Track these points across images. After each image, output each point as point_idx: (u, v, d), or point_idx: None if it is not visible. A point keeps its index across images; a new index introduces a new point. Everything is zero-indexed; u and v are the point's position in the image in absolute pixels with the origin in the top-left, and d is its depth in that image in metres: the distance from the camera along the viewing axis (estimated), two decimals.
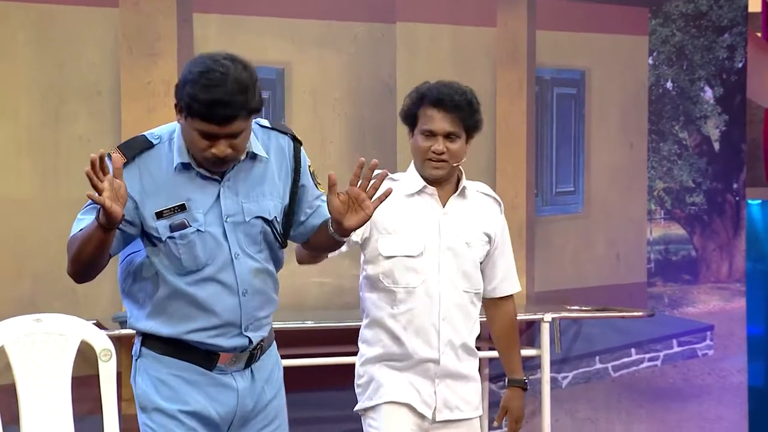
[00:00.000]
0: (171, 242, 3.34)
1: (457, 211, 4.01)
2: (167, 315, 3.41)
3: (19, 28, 5.53)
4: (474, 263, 4.00)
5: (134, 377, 3.57)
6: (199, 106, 3.19)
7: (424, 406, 3.93)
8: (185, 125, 3.27)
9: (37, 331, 5.12)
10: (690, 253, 8.00)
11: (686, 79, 7.88)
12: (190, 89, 3.21)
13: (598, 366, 7.47)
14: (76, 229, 3.38)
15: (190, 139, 3.28)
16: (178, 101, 3.27)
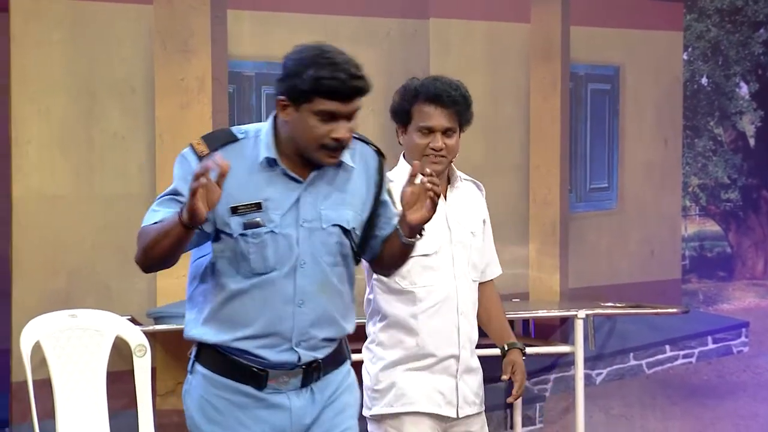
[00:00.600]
0: (242, 240, 3.18)
1: (457, 202, 4.00)
2: (219, 321, 3.21)
3: (54, 25, 5.57)
4: (479, 252, 4.01)
5: (185, 395, 3.28)
6: (329, 81, 3.10)
7: (449, 407, 3.92)
8: (299, 116, 3.13)
9: (73, 327, 5.15)
10: (725, 249, 7.97)
11: (721, 75, 7.85)
12: (313, 72, 3.11)
13: (632, 363, 7.45)
14: (150, 221, 3.22)
15: (305, 129, 3.14)
16: (289, 92, 3.13)
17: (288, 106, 3.14)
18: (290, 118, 3.14)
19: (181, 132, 5.82)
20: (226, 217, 3.17)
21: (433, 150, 3.88)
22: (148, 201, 5.77)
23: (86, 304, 5.44)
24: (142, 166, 5.78)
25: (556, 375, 7.09)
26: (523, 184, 6.99)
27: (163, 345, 5.85)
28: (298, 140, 3.16)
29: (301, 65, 3.14)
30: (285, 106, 3.14)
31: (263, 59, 6.12)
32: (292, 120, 3.14)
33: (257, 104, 6.08)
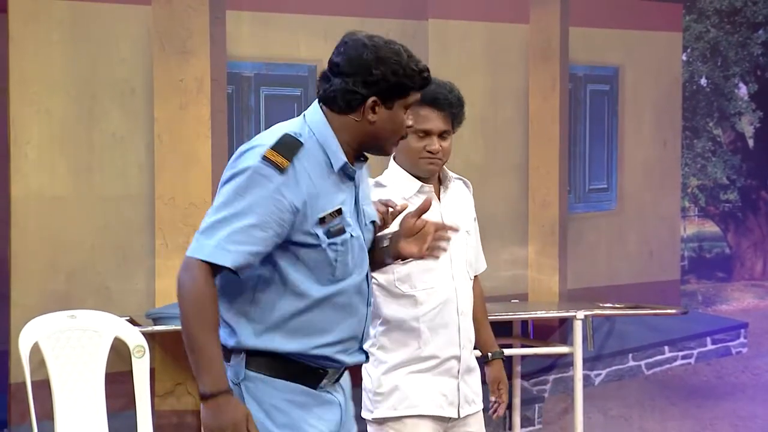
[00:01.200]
0: (331, 249, 3.09)
1: (450, 202, 4.01)
2: (291, 330, 3.10)
3: (54, 25, 5.57)
4: (474, 251, 4.02)
5: (246, 403, 3.10)
6: (426, 75, 3.16)
7: (451, 408, 3.93)
8: (391, 113, 3.13)
9: (72, 328, 5.16)
10: (724, 250, 7.98)
11: (720, 76, 7.85)
12: (413, 66, 3.14)
13: (631, 363, 7.46)
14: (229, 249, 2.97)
15: (396, 123, 3.15)
16: (386, 91, 3.09)
17: (378, 106, 3.10)
18: (379, 117, 3.12)
19: (180, 132, 5.82)
20: (312, 229, 3.07)
21: (430, 153, 3.88)
22: (147, 201, 5.81)
23: (85, 305, 5.45)
24: (141, 166, 5.78)
25: (555, 376, 7.10)
26: (523, 185, 6.99)
27: (162, 346, 5.85)
28: (381, 136, 3.16)
29: (400, 63, 3.11)
30: (375, 106, 3.10)
31: (262, 60, 6.12)
32: (381, 119, 3.12)
33: (256, 105, 6.09)
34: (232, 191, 2.98)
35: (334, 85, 3.10)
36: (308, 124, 3.13)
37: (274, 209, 2.98)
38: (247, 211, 2.97)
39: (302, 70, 6.20)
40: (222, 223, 2.97)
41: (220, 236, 2.96)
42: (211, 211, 3.01)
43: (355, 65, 3.08)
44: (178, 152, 5.84)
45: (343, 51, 3.11)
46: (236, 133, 6.02)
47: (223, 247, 2.96)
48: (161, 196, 5.81)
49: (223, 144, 5.94)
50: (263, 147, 3.02)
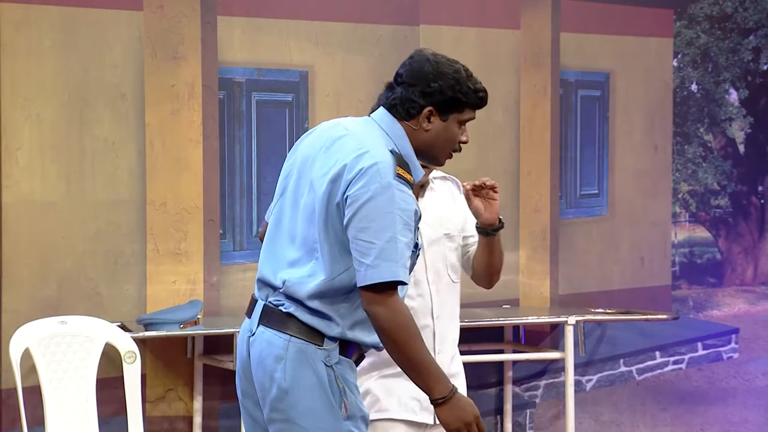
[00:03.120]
0: (417, 253, 3.40)
1: (431, 204, 3.98)
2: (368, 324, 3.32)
3: (45, 31, 5.57)
4: (456, 254, 3.99)
5: (333, 383, 3.35)
6: (483, 95, 3.40)
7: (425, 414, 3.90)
8: (445, 125, 3.39)
9: (62, 333, 5.16)
10: (715, 255, 7.99)
11: (711, 82, 7.87)
12: (470, 85, 3.38)
13: (622, 369, 7.46)
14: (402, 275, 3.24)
15: (451, 135, 3.42)
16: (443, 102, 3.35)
17: (433, 116, 3.35)
18: (432, 127, 3.37)
19: (172, 138, 5.83)
20: (417, 237, 3.34)
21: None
22: (138, 207, 5.82)
23: (76, 311, 5.44)
24: (132, 172, 5.78)
25: (546, 381, 7.10)
26: (514, 191, 7.00)
27: (153, 351, 5.84)
28: (434, 146, 3.41)
29: (458, 80, 3.36)
30: (430, 115, 3.34)
31: (254, 65, 6.12)
32: (436, 128, 3.38)
33: (247, 110, 6.09)
34: (384, 211, 3.21)
35: (397, 93, 3.38)
36: (391, 137, 3.36)
37: (414, 223, 3.26)
38: (404, 228, 3.22)
39: (294, 75, 6.21)
40: (392, 243, 3.20)
41: (396, 254, 3.21)
42: (369, 236, 3.21)
43: (416, 76, 3.36)
44: (170, 158, 5.84)
45: (408, 63, 3.40)
46: (227, 138, 6.02)
47: (403, 265, 3.22)
48: (152, 202, 5.81)
49: (214, 149, 5.94)
50: (386, 164, 3.24)
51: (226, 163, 6.01)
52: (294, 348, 3.32)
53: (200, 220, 5.88)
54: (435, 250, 3.93)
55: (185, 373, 5.92)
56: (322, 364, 3.30)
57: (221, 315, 5.97)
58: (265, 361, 3.37)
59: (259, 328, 3.41)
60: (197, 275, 5.89)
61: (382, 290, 3.20)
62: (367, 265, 3.19)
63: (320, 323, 3.31)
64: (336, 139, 3.36)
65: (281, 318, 3.36)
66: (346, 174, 3.24)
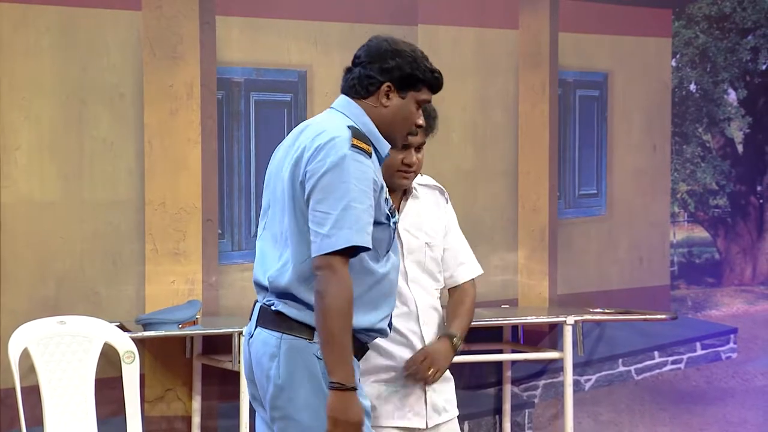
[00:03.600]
0: (393, 226, 3.46)
1: (412, 213, 3.95)
2: (365, 305, 3.39)
3: (43, 31, 5.57)
4: (435, 261, 3.97)
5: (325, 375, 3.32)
6: (438, 76, 3.49)
7: (417, 419, 3.90)
8: (403, 103, 3.47)
9: (61, 333, 5.15)
10: (713, 255, 8.00)
11: (710, 81, 7.88)
12: (426, 64, 3.47)
13: (621, 369, 7.47)
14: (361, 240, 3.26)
15: (408, 113, 3.49)
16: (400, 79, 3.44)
17: (392, 92, 3.44)
18: (391, 104, 3.46)
19: (170, 138, 5.83)
20: (383, 207, 3.39)
21: (407, 166, 3.87)
22: (137, 207, 5.82)
23: (75, 311, 5.44)
24: (131, 172, 5.78)
25: (545, 381, 7.11)
26: (512, 190, 7.00)
27: (152, 351, 5.84)
28: (393, 123, 3.48)
29: (415, 58, 3.46)
30: (389, 91, 3.43)
31: (252, 65, 6.12)
32: (393, 106, 3.46)
33: (246, 110, 6.09)
34: (338, 181, 3.25)
35: (355, 73, 3.49)
36: (350, 117, 3.43)
37: (372, 191, 3.29)
38: (362, 195, 3.25)
39: (292, 75, 6.21)
40: (346, 211, 3.24)
41: (350, 221, 3.23)
42: (329, 207, 3.25)
43: (373, 54, 3.47)
44: (168, 158, 5.84)
45: (366, 46, 3.52)
46: (226, 138, 6.02)
47: (359, 228, 3.24)
48: (151, 202, 5.81)
49: (213, 149, 5.94)
50: (342, 138, 3.30)
51: (224, 163, 6.01)
52: (286, 345, 3.36)
53: (199, 220, 5.88)
54: (415, 258, 3.92)
55: (184, 373, 5.92)
56: (314, 357, 3.32)
57: (220, 315, 5.97)
58: (261, 361, 3.42)
59: (256, 329, 3.47)
60: (196, 275, 5.90)
61: (335, 260, 3.23)
62: (323, 234, 3.23)
63: (306, 314, 3.34)
64: (298, 134, 3.46)
65: (273, 317, 3.41)
66: (305, 154, 3.34)
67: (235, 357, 5.43)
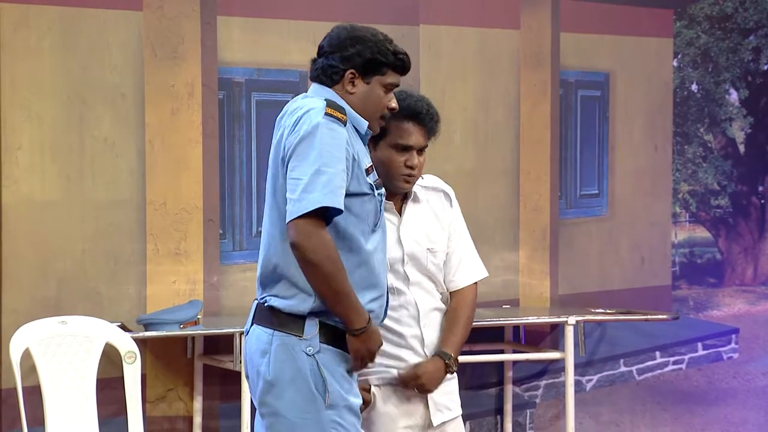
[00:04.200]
0: (378, 197, 3.48)
1: (414, 217, 3.92)
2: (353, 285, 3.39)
3: (45, 31, 5.57)
4: (438, 266, 3.94)
5: (315, 373, 3.39)
6: (403, 57, 3.52)
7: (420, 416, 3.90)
8: (368, 88, 3.50)
9: (62, 333, 5.16)
10: (715, 256, 8.00)
11: (711, 82, 7.88)
12: (390, 47, 3.50)
13: (622, 369, 7.47)
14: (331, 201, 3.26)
15: (375, 98, 3.51)
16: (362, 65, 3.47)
17: (356, 79, 3.46)
18: (357, 90, 3.48)
19: (171, 138, 5.83)
20: (363, 178, 3.40)
21: (410, 168, 3.85)
22: (138, 207, 5.82)
23: (76, 311, 5.45)
24: (132, 171, 5.78)
25: (546, 381, 7.11)
26: (514, 191, 7.00)
27: (153, 351, 5.85)
28: (363, 109, 3.48)
29: (376, 42, 3.48)
30: (353, 78, 3.46)
31: (253, 65, 6.13)
32: (360, 92, 3.48)
33: (247, 110, 6.09)
34: (310, 148, 3.29)
35: (319, 64, 3.53)
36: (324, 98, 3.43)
37: (345, 158, 3.31)
38: (334, 160, 3.27)
39: (293, 75, 6.21)
40: (317, 175, 3.26)
41: (320, 185, 3.25)
42: (300, 173, 3.27)
43: (335, 44, 3.52)
44: (170, 158, 5.84)
45: (328, 35, 3.57)
46: (227, 138, 6.03)
47: (330, 191, 3.25)
48: (152, 202, 5.81)
49: (214, 149, 5.94)
50: (317, 108, 3.35)
51: (225, 163, 6.02)
52: (277, 341, 3.39)
53: (200, 220, 5.88)
54: (417, 263, 3.91)
55: (185, 373, 5.92)
56: (303, 354, 3.36)
57: (221, 315, 5.98)
58: (252, 357, 3.46)
59: (252, 326, 3.51)
60: (197, 275, 5.90)
61: (308, 222, 3.25)
62: (294, 200, 3.26)
63: (296, 301, 3.37)
64: (279, 119, 3.53)
65: (265, 313, 3.44)
66: (284, 132, 3.40)
67: (236, 357, 5.44)
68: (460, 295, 4.03)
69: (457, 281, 4.03)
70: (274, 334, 3.40)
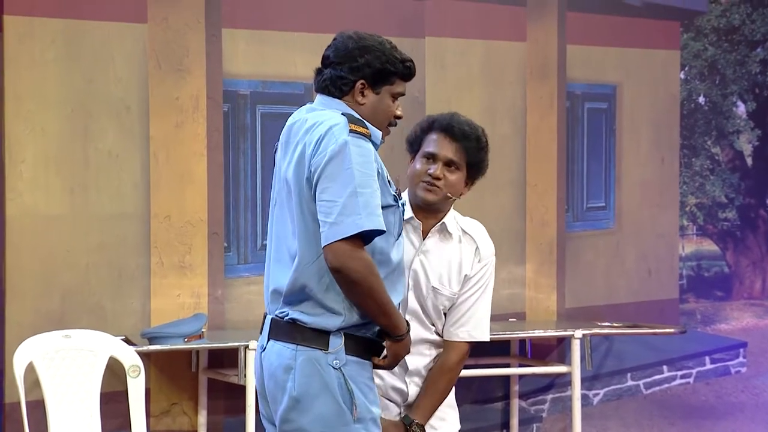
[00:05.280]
0: (401, 207, 3.47)
1: (436, 251, 3.83)
2: None
3: (49, 43, 5.58)
4: (436, 309, 3.85)
5: (343, 386, 3.35)
6: (410, 65, 3.51)
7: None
8: (378, 98, 3.47)
9: (66, 347, 5.16)
10: (723, 269, 7.98)
11: (719, 94, 7.87)
12: (396, 55, 3.49)
13: (629, 383, 7.46)
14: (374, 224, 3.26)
15: (385, 107, 3.49)
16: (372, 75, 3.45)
17: (366, 89, 3.44)
18: (367, 101, 3.46)
19: (176, 151, 5.83)
20: (387, 190, 3.39)
21: (430, 176, 3.80)
22: (142, 220, 5.82)
23: (80, 325, 5.45)
24: (136, 185, 5.78)
25: (553, 395, 7.09)
26: (520, 203, 7.00)
27: (157, 365, 5.84)
28: (371, 119, 3.45)
29: (384, 51, 3.46)
30: (363, 89, 3.44)
31: (258, 78, 6.13)
32: (370, 102, 3.46)
33: (252, 123, 6.10)
34: (341, 168, 3.25)
35: (326, 75, 3.49)
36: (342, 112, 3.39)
37: (375, 175, 3.29)
38: (368, 179, 3.25)
39: (298, 88, 6.21)
40: (354, 197, 3.23)
41: (361, 206, 3.22)
42: (333, 195, 3.24)
43: (342, 54, 3.47)
44: (174, 171, 5.84)
45: (333, 45, 3.52)
46: (232, 151, 6.03)
47: (369, 212, 3.23)
48: (157, 215, 5.81)
49: (219, 162, 5.94)
50: (340, 125, 3.30)
51: (230, 176, 6.02)
52: (302, 356, 3.35)
53: (204, 233, 5.88)
54: (417, 295, 3.85)
55: (189, 387, 5.91)
56: (330, 368, 3.33)
57: (226, 329, 5.97)
58: (276, 373, 3.40)
59: (269, 342, 3.45)
60: (201, 288, 5.90)
61: (348, 245, 3.22)
62: (330, 223, 3.23)
63: (322, 319, 3.35)
64: (288, 131, 3.51)
65: (286, 328, 3.39)
66: (306, 150, 3.34)
67: (241, 371, 5.43)
68: (450, 349, 3.90)
69: (452, 332, 3.91)
70: (298, 349, 3.35)
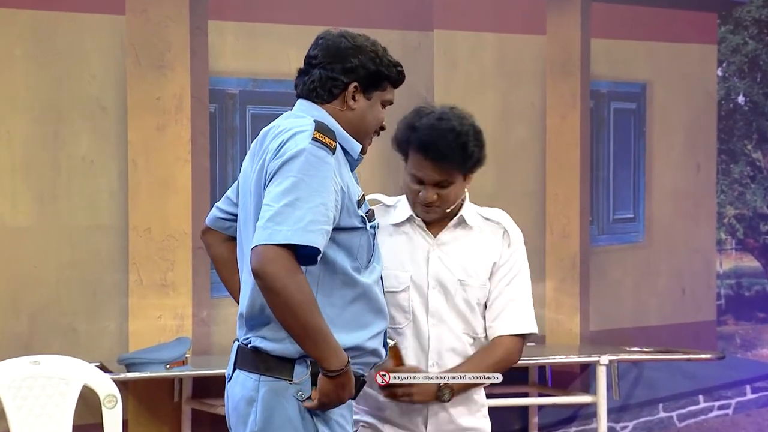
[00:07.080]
0: (371, 230, 3.45)
1: (454, 242, 3.88)
2: (348, 322, 3.40)
3: (16, 37, 5.60)
4: (468, 303, 3.89)
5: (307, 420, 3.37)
6: (401, 70, 3.53)
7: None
8: (368, 104, 3.48)
9: (35, 375, 5.16)
10: (765, 287, 8.00)
11: (760, 93, 7.89)
12: (389, 59, 3.51)
13: (661, 415, 7.47)
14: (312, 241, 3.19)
15: (373, 116, 3.51)
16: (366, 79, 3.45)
17: (357, 93, 3.46)
18: (358, 106, 3.47)
19: (157, 156, 5.85)
20: (353, 210, 3.38)
21: (422, 201, 3.85)
22: (120, 233, 5.82)
23: (50, 350, 5.46)
24: (113, 193, 5.80)
25: (576, 428, 7.11)
26: (539, 214, 7.01)
27: (136, 395, 5.85)
28: (360, 126, 3.48)
29: (377, 53, 3.48)
30: (355, 92, 3.46)
31: (248, 76, 6.15)
32: (360, 107, 3.48)
33: (241, 125, 6.11)
34: (288, 175, 3.22)
35: (314, 76, 3.49)
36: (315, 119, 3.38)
37: (332, 190, 3.26)
38: (313, 193, 3.21)
39: (292, 87, 6.21)
40: (291, 207, 3.20)
41: (294, 218, 3.18)
42: (271, 199, 3.22)
43: (333, 54, 3.47)
44: (155, 178, 5.86)
45: (321, 44, 3.51)
46: (219, 156, 6.04)
47: (303, 228, 3.18)
48: (135, 227, 5.83)
49: (204, 169, 5.96)
50: (305, 132, 3.29)
51: (217, 183, 6.03)
52: (264, 387, 3.38)
53: (189, 247, 5.89)
54: (442, 292, 3.89)
55: (172, 419, 5.92)
56: (294, 400, 3.34)
57: (212, 354, 5.98)
58: (238, 406, 3.44)
59: (234, 372, 3.51)
60: (185, 309, 5.91)
61: (273, 249, 3.18)
62: (260, 226, 3.21)
63: (282, 346, 3.35)
64: (261, 140, 3.44)
65: (249, 356, 3.43)
66: (267, 156, 3.33)
67: None
68: (497, 340, 3.95)
69: (495, 328, 3.95)
70: (261, 379, 3.38)
